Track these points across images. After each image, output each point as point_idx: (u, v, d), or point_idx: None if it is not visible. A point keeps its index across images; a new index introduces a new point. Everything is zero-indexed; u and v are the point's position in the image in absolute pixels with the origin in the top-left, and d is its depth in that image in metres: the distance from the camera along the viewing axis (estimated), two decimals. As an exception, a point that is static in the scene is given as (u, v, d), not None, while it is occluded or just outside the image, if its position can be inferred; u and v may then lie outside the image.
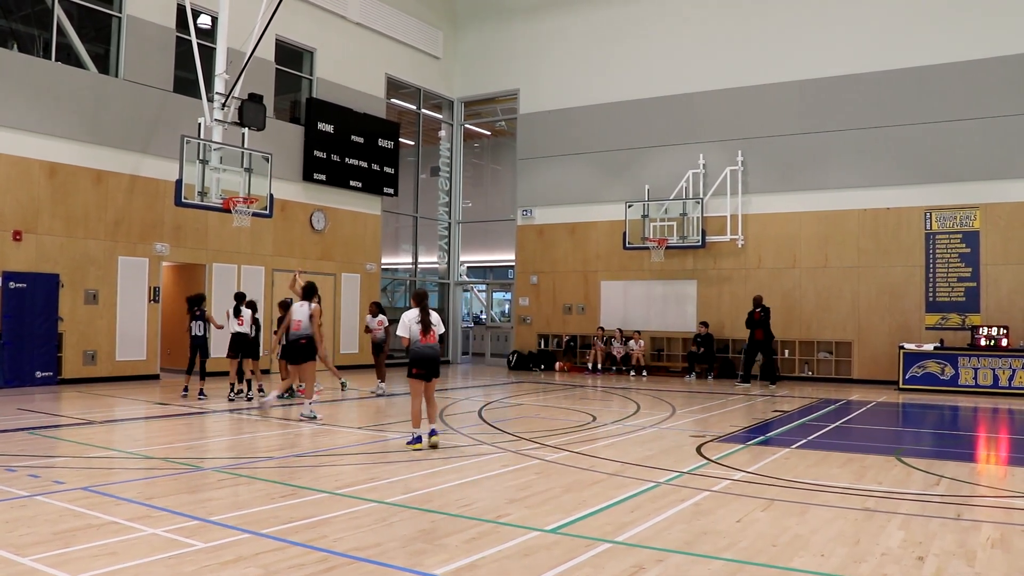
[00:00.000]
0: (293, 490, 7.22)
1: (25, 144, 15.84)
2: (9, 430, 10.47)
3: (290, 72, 21.47)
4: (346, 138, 22.30)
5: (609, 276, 23.76)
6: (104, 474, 7.85)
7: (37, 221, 16.01)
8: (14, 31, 16.91)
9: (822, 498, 7.18)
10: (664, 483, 7.73)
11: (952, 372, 18.24)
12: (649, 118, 23.22)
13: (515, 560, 5.27)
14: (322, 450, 9.47)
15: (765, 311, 19.49)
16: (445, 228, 27.48)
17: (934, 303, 19.55)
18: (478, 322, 29.56)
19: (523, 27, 25.66)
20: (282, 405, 13.78)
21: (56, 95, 16.28)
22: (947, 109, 19.48)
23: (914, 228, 19.84)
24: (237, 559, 5.16)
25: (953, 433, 12.84)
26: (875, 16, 20.43)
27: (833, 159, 20.74)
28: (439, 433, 9.73)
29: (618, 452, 9.48)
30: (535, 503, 6.86)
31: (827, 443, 10.64)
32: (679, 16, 23.06)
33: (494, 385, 18.89)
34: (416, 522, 6.19)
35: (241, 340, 14.46)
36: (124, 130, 17.35)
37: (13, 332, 15.50)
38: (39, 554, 5.18)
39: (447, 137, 27.47)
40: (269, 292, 19.93)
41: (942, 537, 5.93)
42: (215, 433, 11.13)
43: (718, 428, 11.79)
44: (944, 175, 19.54)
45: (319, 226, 21.66)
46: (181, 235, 18.38)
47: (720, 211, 22.00)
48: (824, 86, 20.93)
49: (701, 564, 5.24)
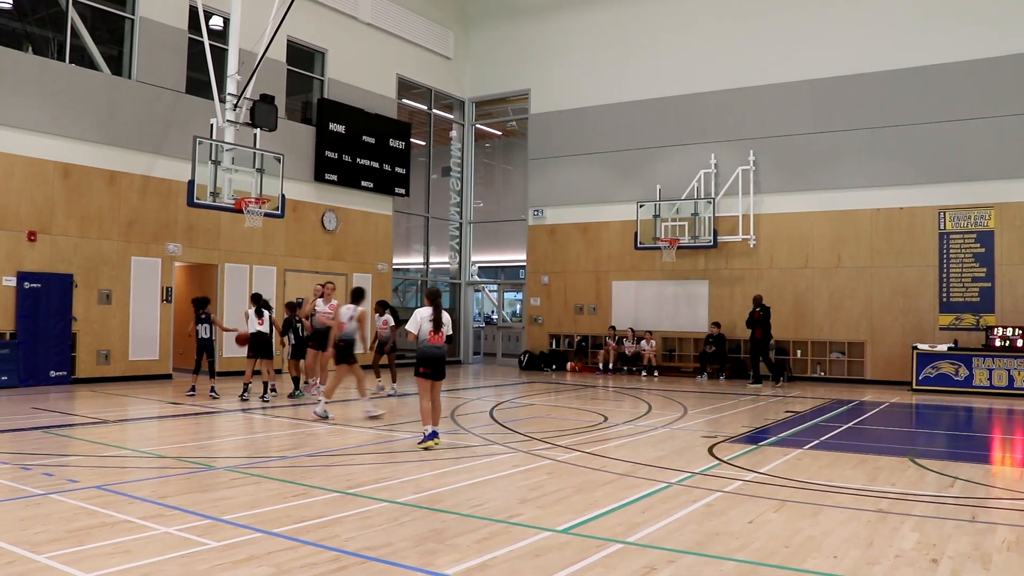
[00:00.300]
0: (305, 489, 7.23)
1: (40, 145, 15.94)
2: (24, 429, 10.54)
3: (301, 73, 21.52)
4: (357, 138, 22.34)
5: (621, 276, 23.72)
6: (117, 473, 7.89)
7: (51, 222, 16.10)
8: (29, 34, 17.02)
9: (835, 499, 7.15)
10: (676, 484, 7.71)
11: (966, 373, 18.14)
12: (660, 118, 23.18)
13: (526, 560, 5.26)
14: (333, 450, 9.49)
15: (764, 310, 19.48)
16: (456, 228, 27.50)
17: (948, 303, 19.44)
18: (489, 322, 29.55)
19: (534, 27, 25.66)
20: (292, 405, 13.82)
21: (70, 97, 16.37)
22: (961, 108, 19.37)
23: (928, 228, 19.74)
24: (249, 558, 5.18)
25: (968, 434, 12.76)
26: (887, 14, 20.33)
27: (845, 158, 20.65)
28: (438, 436, 9.63)
29: (630, 452, 9.46)
30: (547, 503, 6.85)
31: (840, 444, 10.60)
32: (690, 16, 23.01)
33: (505, 385, 18.88)
34: (427, 522, 6.19)
35: (260, 340, 14.48)
36: (137, 131, 17.44)
37: (28, 332, 15.59)
38: (54, 552, 5.21)
39: (458, 137, 27.48)
40: (281, 292, 19.98)
41: (957, 539, 5.89)
42: (227, 432, 11.17)
43: (730, 429, 11.76)
44: (958, 174, 19.42)
45: (331, 226, 21.71)
46: (193, 235, 18.45)
47: (732, 211, 21.94)
48: (836, 85, 20.84)
49: (713, 565, 5.22)
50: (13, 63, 15.59)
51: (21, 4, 16.79)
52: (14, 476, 7.61)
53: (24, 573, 4.85)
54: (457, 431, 10.97)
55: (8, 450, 9.05)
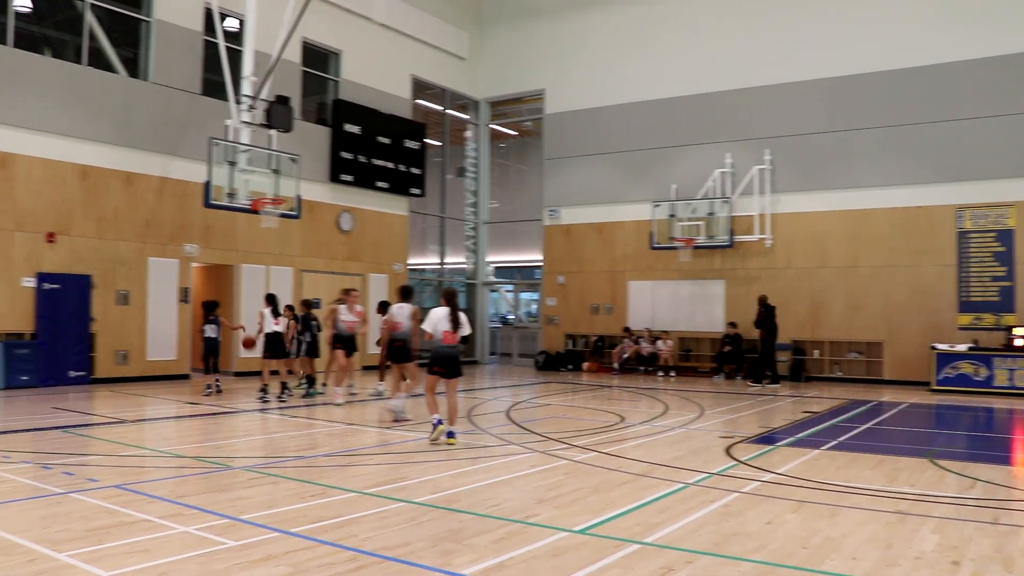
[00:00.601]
0: (322, 489, 7.24)
1: (58, 147, 16.06)
2: (44, 428, 10.62)
3: (316, 74, 21.59)
4: (372, 139, 22.39)
5: (636, 276, 23.67)
6: (136, 472, 7.93)
7: (70, 223, 16.22)
8: (47, 37, 17.17)
9: (853, 500, 7.10)
10: (693, 484, 7.68)
11: (987, 373, 17.98)
12: (676, 117, 23.11)
13: (544, 560, 5.25)
14: (350, 450, 9.51)
15: (767, 309, 19.40)
16: (472, 228, 27.51)
17: (967, 303, 19.28)
18: (505, 322, 29.56)
19: (548, 27, 25.64)
20: (307, 405, 13.86)
21: (87, 99, 16.49)
22: (979, 105, 19.20)
23: (946, 227, 19.58)
24: (267, 557, 5.19)
25: (988, 435, 12.65)
26: (902, 12, 20.19)
27: (862, 157, 20.53)
28: (455, 436, 9.69)
29: (647, 453, 9.44)
30: (563, 503, 6.84)
31: (858, 445, 10.53)
32: (704, 16, 22.92)
33: (522, 385, 18.87)
34: (444, 522, 6.19)
35: (276, 340, 14.54)
36: (153, 133, 17.54)
37: (47, 332, 15.72)
38: (74, 550, 5.24)
39: (473, 137, 27.49)
40: (298, 292, 20.06)
41: (978, 542, 5.83)
42: (244, 432, 11.21)
43: (747, 429, 11.71)
44: (977, 173, 19.26)
45: (346, 227, 21.76)
46: (210, 236, 18.54)
47: (748, 210, 21.86)
48: (852, 83, 20.71)
49: (731, 566, 5.20)
50: (32, 66, 15.72)
51: (40, 8, 16.91)
52: (35, 475, 7.67)
53: (45, 571, 4.88)
54: (474, 431, 10.97)
55: (29, 449, 9.13)
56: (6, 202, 15.33)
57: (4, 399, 13.87)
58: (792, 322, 20.96)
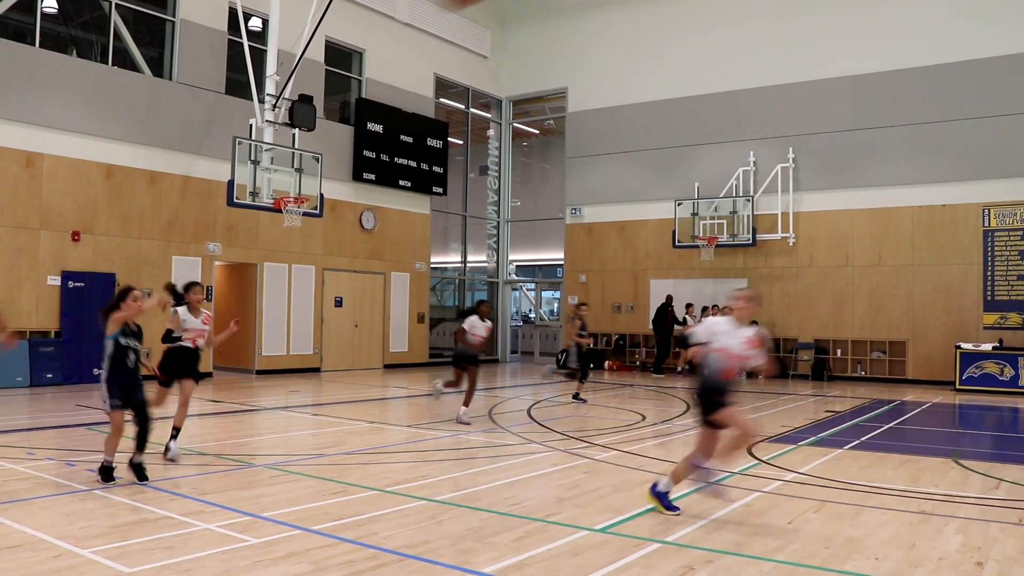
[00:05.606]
0: (343, 487, 7.28)
1: (83, 147, 16.21)
2: (68, 425, 10.74)
3: (339, 73, 21.67)
4: (395, 138, 22.44)
5: (658, 275, 23.59)
6: (159, 469, 7.99)
7: (94, 222, 16.37)
8: (73, 37, 17.34)
9: (876, 500, 7.05)
10: (714, 483, 7.64)
11: (1012, 373, 17.77)
12: (698, 116, 23.00)
13: (564, 559, 5.25)
14: (371, 448, 9.54)
15: (662, 308, 21.36)
16: (494, 227, 27.51)
17: (992, 302, 19.06)
18: (527, 321, 29.55)
19: (571, 26, 25.59)
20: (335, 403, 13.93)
21: (112, 98, 16.63)
22: (1004, 103, 18.97)
23: (971, 225, 19.37)
24: (288, 555, 5.22)
25: (1014, 435, 12.51)
26: (926, 9, 19.97)
27: (886, 155, 20.34)
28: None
29: (667, 452, 9.41)
30: (584, 502, 6.83)
31: (881, 444, 10.45)
32: (727, 13, 22.78)
33: (543, 384, 18.86)
34: (465, 520, 6.20)
35: None
36: (177, 132, 17.66)
37: (72, 330, 15.87)
38: (97, 547, 5.30)
39: (495, 136, 27.50)
40: (320, 291, 20.15)
41: (1003, 542, 5.77)
42: (266, 430, 11.28)
43: (769, 428, 11.64)
44: (1002, 171, 19.03)
45: (369, 225, 21.83)
46: (233, 235, 18.65)
47: (771, 209, 21.72)
48: (875, 81, 20.52)
49: (752, 565, 5.17)
50: (58, 66, 15.88)
51: (66, 8, 17.09)
52: (59, 472, 7.76)
53: (69, 567, 4.94)
54: (495, 430, 10.99)
55: (53, 446, 9.24)
56: (32, 201, 15.50)
57: (29, 396, 14.04)
58: (815, 321, 20.82)
